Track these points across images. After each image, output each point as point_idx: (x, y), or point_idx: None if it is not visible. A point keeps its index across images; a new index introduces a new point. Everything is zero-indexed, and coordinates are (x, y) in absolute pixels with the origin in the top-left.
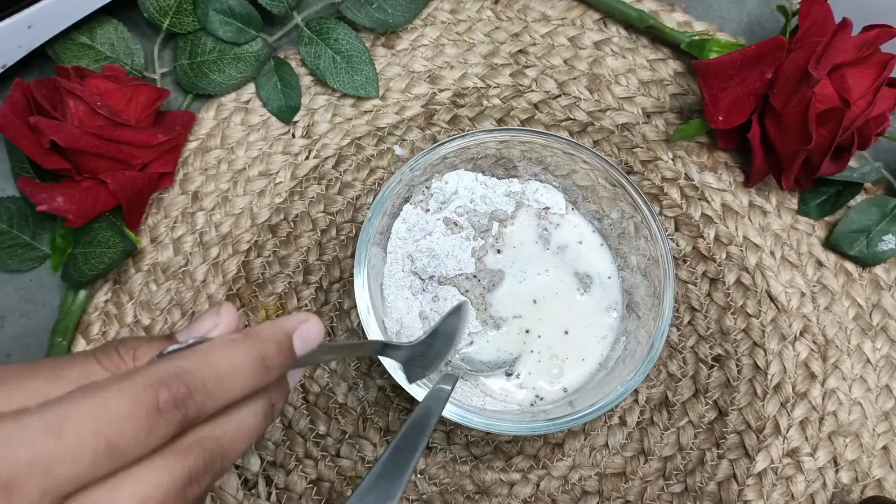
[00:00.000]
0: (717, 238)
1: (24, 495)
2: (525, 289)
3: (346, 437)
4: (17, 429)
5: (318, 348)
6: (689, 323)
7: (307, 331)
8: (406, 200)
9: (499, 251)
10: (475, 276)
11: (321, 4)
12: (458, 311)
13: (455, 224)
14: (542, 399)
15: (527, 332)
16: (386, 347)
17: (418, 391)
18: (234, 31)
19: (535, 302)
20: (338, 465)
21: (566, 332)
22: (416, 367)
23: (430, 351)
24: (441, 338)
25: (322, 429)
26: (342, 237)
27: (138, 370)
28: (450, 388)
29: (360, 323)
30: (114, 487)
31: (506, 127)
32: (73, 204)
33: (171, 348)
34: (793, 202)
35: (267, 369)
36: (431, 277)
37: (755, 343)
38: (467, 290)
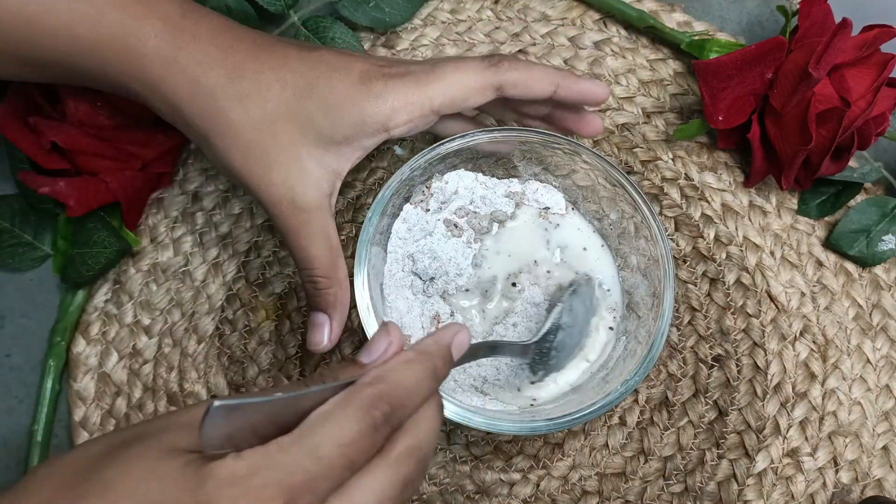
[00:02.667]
0: (717, 238)
1: None
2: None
3: None
4: (288, 459)
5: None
6: (689, 323)
7: (460, 341)
8: (406, 200)
9: (498, 252)
10: (470, 290)
11: (318, 3)
12: (577, 292)
13: (455, 226)
14: (539, 399)
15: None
16: (519, 347)
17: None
18: None
19: (535, 304)
20: None
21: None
22: (539, 363)
23: (554, 344)
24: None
25: None
26: (342, 237)
27: (350, 397)
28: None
29: (360, 322)
30: (348, 496)
31: (506, 127)
32: (74, 190)
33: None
34: (793, 202)
35: (437, 380)
36: (432, 279)
37: (755, 343)
38: (467, 306)
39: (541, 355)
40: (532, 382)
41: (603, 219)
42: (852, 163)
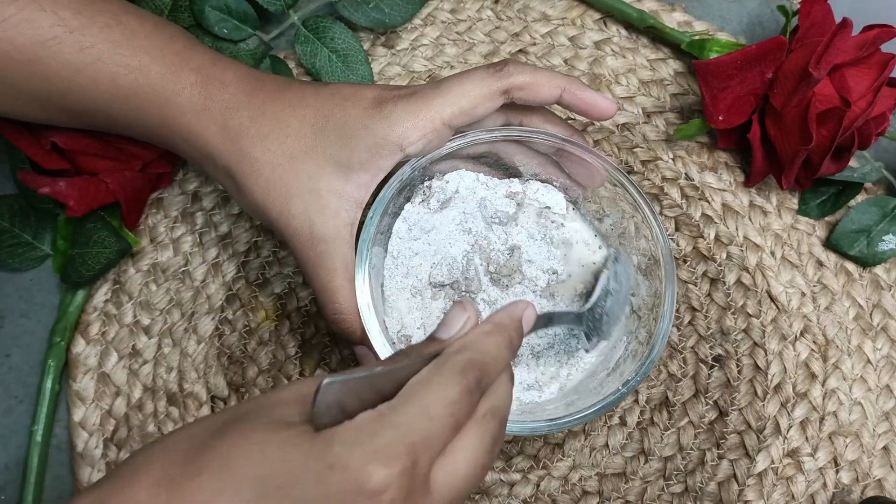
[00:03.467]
0: (717, 238)
1: (423, 463)
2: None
3: None
4: (403, 420)
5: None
6: (690, 323)
7: (529, 316)
8: (407, 200)
9: (498, 252)
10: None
11: (318, 3)
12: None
13: (455, 225)
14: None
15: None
16: (573, 315)
17: None
18: (230, 28)
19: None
20: None
21: None
22: (593, 330)
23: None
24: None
25: None
26: None
27: (443, 364)
28: None
29: (362, 329)
30: (453, 455)
31: (506, 127)
32: (74, 190)
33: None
34: (793, 202)
35: (513, 350)
36: (438, 285)
37: (755, 343)
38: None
39: (594, 322)
40: (587, 350)
41: (603, 219)
42: (853, 163)
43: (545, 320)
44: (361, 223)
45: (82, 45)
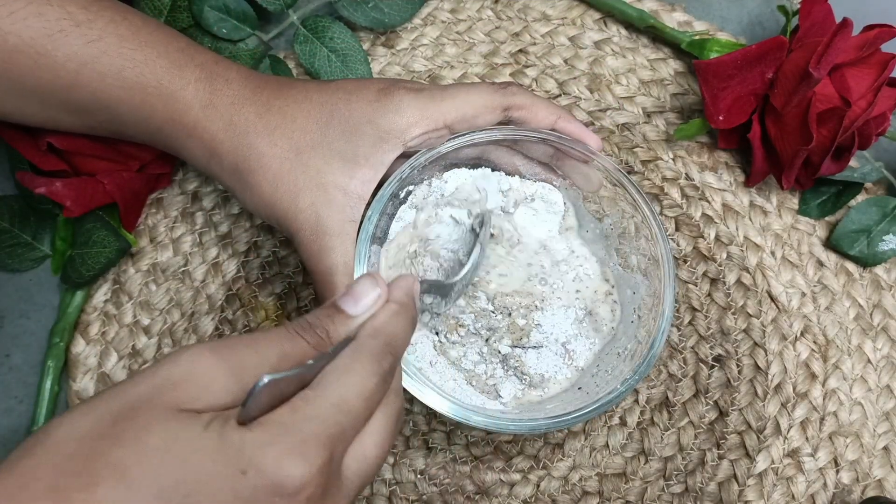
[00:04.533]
0: (717, 238)
1: (338, 454)
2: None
3: None
4: (319, 412)
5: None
6: (690, 323)
7: (416, 290)
8: (406, 199)
9: (499, 252)
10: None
11: (317, 3)
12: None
13: (456, 224)
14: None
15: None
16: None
17: (424, 393)
18: (229, 28)
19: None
20: None
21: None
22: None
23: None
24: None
25: None
26: None
27: (360, 351)
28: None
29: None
30: (362, 441)
31: (506, 127)
32: (71, 190)
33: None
34: (793, 202)
35: (414, 325)
36: (435, 283)
37: (756, 343)
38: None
39: (453, 293)
40: (437, 314)
41: (603, 219)
42: (853, 163)
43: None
44: (361, 221)
45: (89, 38)
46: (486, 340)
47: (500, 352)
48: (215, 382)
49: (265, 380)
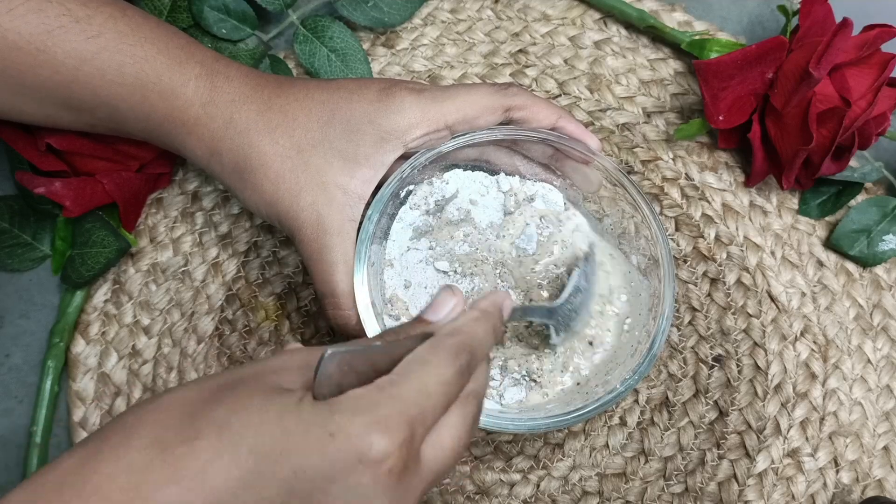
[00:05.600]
0: (717, 238)
1: (419, 436)
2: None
3: None
4: (402, 394)
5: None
6: (690, 323)
7: (508, 306)
8: (406, 199)
9: (499, 252)
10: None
11: (317, 2)
12: (586, 261)
13: (456, 224)
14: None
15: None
16: (546, 309)
17: None
18: (229, 28)
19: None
20: None
21: None
22: (562, 325)
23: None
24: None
25: None
26: None
27: (438, 345)
28: None
29: (359, 320)
30: (440, 432)
31: (506, 127)
32: (70, 190)
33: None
34: (793, 202)
35: (497, 336)
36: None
37: (756, 343)
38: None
39: (563, 317)
40: (555, 345)
41: (603, 219)
42: (853, 163)
43: (521, 312)
44: (360, 221)
45: (88, 34)
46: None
47: (502, 354)
48: (311, 371)
49: (329, 351)
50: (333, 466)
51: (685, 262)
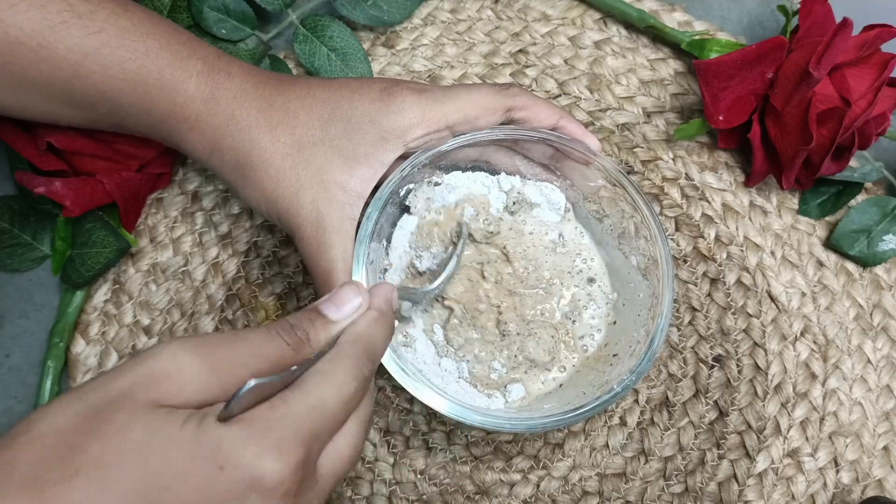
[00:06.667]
0: (717, 238)
1: (314, 453)
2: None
3: None
4: (298, 412)
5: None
6: (690, 323)
7: (395, 297)
8: (406, 199)
9: (500, 251)
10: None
11: (316, 2)
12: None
13: (455, 224)
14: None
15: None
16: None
17: (423, 393)
18: (229, 28)
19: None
20: None
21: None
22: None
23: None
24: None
25: None
26: None
27: (341, 357)
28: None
29: None
30: (337, 442)
31: (506, 127)
32: (70, 190)
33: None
34: (793, 202)
35: (392, 334)
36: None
37: (756, 343)
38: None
39: (428, 301)
40: (405, 316)
41: (603, 219)
42: (853, 162)
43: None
44: (360, 220)
45: (90, 29)
46: (488, 342)
47: (501, 352)
48: (194, 379)
49: (252, 383)
50: (224, 498)
51: (685, 262)
